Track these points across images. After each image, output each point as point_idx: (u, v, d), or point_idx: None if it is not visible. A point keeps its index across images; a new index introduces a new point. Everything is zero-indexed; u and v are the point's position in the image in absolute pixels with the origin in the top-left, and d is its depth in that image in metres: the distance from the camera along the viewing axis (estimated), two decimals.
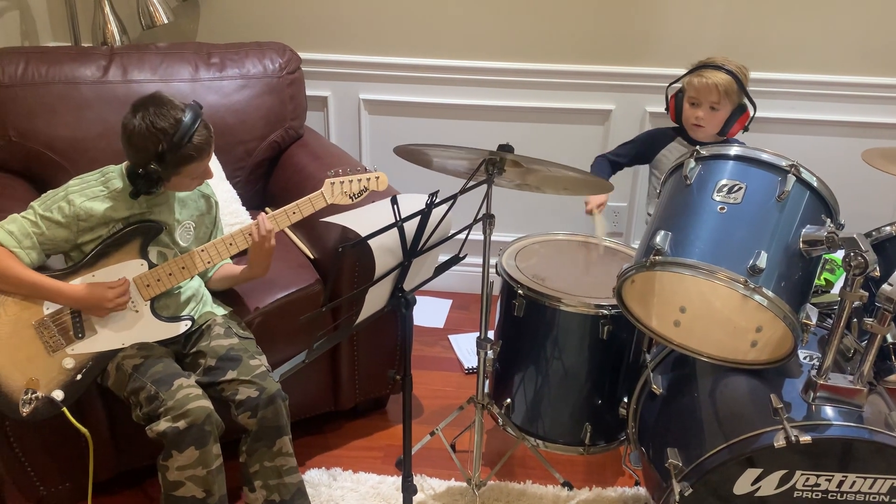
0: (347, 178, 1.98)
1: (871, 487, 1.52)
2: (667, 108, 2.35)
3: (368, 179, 2.00)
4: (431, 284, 1.80)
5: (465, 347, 2.80)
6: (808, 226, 1.58)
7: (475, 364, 2.66)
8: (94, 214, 1.77)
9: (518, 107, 2.90)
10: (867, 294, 1.48)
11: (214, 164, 2.35)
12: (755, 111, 2.26)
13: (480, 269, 1.90)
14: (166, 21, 2.70)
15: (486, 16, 2.80)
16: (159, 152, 1.69)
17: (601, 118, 2.90)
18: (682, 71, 2.33)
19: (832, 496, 1.54)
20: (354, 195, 1.99)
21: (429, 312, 3.02)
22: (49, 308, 1.76)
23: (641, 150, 2.43)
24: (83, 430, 1.77)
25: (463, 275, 2.86)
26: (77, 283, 1.77)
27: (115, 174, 1.82)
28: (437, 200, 1.55)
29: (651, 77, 2.77)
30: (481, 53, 2.85)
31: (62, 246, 1.79)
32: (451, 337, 2.88)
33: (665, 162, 2.37)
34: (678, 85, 2.31)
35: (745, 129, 2.29)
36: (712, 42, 2.70)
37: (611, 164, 2.43)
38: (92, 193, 1.78)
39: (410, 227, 1.55)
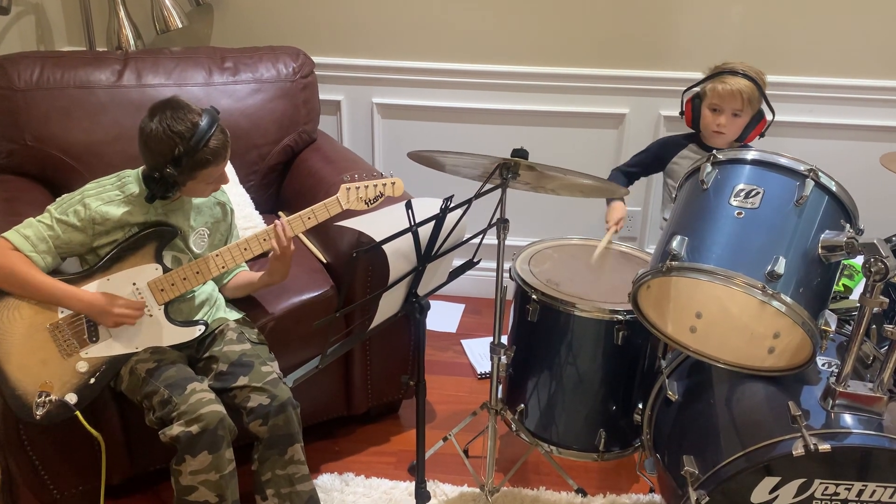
0: (363, 183, 1.97)
1: (891, 497, 1.50)
2: (682, 113, 2.33)
3: (384, 185, 2.00)
4: (444, 289, 1.79)
5: (478, 352, 2.79)
6: (827, 231, 1.56)
7: (488, 369, 2.65)
8: (109, 218, 1.77)
9: (532, 110, 2.89)
10: (888, 300, 1.46)
11: (229, 170, 2.35)
12: (773, 117, 2.24)
13: (493, 274, 1.89)
14: (180, 25, 2.71)
15: (500, 20, 2.79)
16: (175, 156, 1.70)
17: (615, 122, 2.89)
18: (698, 74, 2.31)
19: None
20: (370, 201, 1.98)
21: (441, 317, 3.01)
22: (63, 312, 1.76)
23: (654, 158, 2.41)
24: (96, 433, 1.77)
25: (476, 279, 2.84)
26: (92, 289, 1.77)
27: (131, 178, 1.82)
28: (452, 205, 1.54)
29: (666, 81, 2.75)
30: (495, 57, 2.84)
31: (77, 249, 1.79)
32: (463, 342, 2.87)
33: (678, 169, 2.35)
34: (696, 90, 2.29)
35: (762, 136, 2.27)
36: (728, 46, 2.68)
37: (625, 175, 2.42)
38: (108, 197, 1.79)
39: (425, 231, 1.54)
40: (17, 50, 2.48)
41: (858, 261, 2.14)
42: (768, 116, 2.24)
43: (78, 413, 1.75)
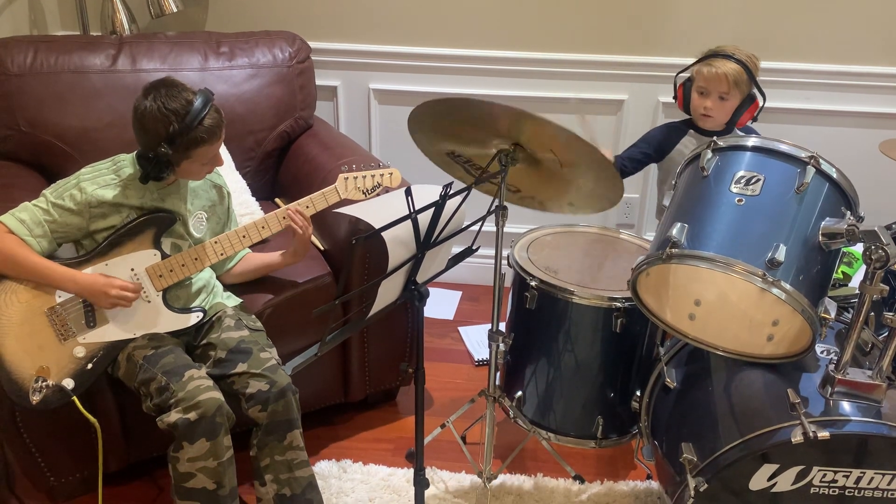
0: (361, 173, 1.96)
1: (889, 484, 1.50)
2: (675, 97, 2.32)
3: (382, 175, 1.99)
4: (441, 276, 1.78)
5: (476, 339, 2.79)
6: (828, 218, 1.56)
7: (485, 356, 2.66)
8: (105, 202, 1.76)
9: (530, 96, 2.87)
10: (887, 288, 1.46)
11: (224, 154, 2.34)
12: (765, 101, 2.23)
13: (490, 261, 1.88)
14: (175, 10, 2.68)
15: (498, 5, 2.78)
16: (170, 134, 1.68)
17: (614, 108, 2.87)
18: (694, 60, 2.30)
19: (849, 492, 1.52)
20: (368, 191, 1.98)
21: (438, 304, 3.01)
22: (61, 296, 1.75)
23: (655, 147, 2.38)
24: (92, 419, 1.77)
25: (473, 266, 2.84)
26: (87, 273, 1.76)
27: (126, 162, 1.81)
28: (451, 192, 1.53)
29: (664, 67, 2.74)
30: (493, 43, 2.82)
31: (74, 234, 1.78)
32: (461, 329, 2.86)
33: (680, 157, 2.33)
34: (686, 74, 2.28)
35: (755, 119, 2.26)
36: (726, 31, 2.67)
37: (631, 162, 2.38)
38: (103, 181, 1.77)
39: (424, 218, 1.53)
40: (10, 34, 2.45)
41: (857, 248, 2.15)
42: (760, 100, 2.22)
43: (75, 398, 1.74)
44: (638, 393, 1.99)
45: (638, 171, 2.41)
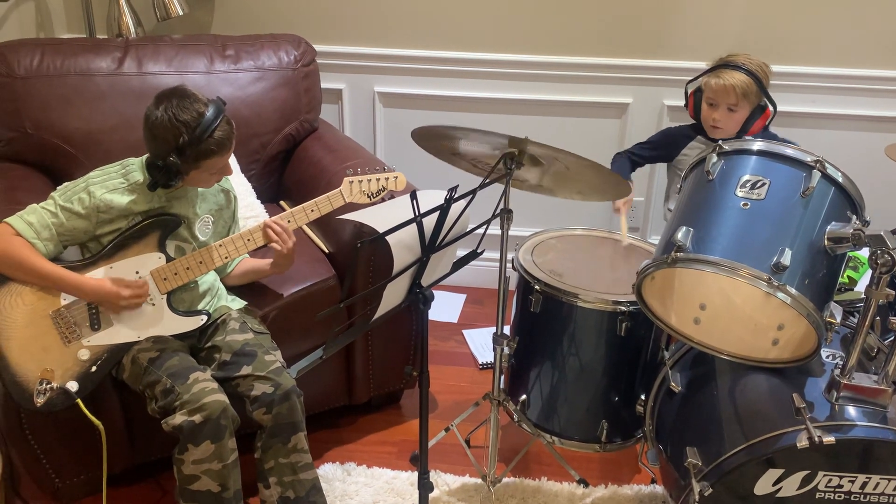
0: (366, 177, 1.97)
1: (895, 489, 1.49)
2: (686, 105, 2.31)
3: (387, 179, 2.00)
4: (446, 279, 1.78)
5: (480, 342, 2.79)
6: (834, 223, 1.55)
7: (489, 359, 2.66)
8: (113, 206, 1.77)
9: (535, 100, 2.87)
10: (893, 293, 1.45)
11: (230, 159, 2.34)
12: (776, 111, 2.22)
13: (494, 264, 1.88)
14: (181, 13, 2.69)
15: (503, 8, 2.78)
16: (180, 145, 1.69)
17: (618, 112, 2.87)
18: (702, 64, 2.30)
19: (855, 497, 1.51)
20: (373, 194, 1.98)
21: (443, 307, 3.01)
22: (66, 299, 1.76)
23: (660, 150, 2.39)
24: (96, 422, 1.77)
25: (477, 269, 2.83)
26: (95, 277, 1.76)
27: (135, 167, 1.81)
28: (456, 196, 1.53)
29: (669, 70, 2.74)
30: (498, 46, 2.82)
31: (80, 237, 1.79)
32: (465, 332, 2.86)
33: (687, 161, 2.33)
34: (697, 82, 2.27)
35: (766, 129, 2.25)
36: (732, 35, 2.66)
37: (631, 162, 2.39)
38: (112, 185, 1.78)
39: (429, 222, 1.53)
40: (17, 37, 2.46)
41: (863, 252, 2.14)
42: (771, 109, 2.22)
43: (79, 401, 1.74)
44: (642, 397, 1.98)
45: (647, 164, 2.45)
